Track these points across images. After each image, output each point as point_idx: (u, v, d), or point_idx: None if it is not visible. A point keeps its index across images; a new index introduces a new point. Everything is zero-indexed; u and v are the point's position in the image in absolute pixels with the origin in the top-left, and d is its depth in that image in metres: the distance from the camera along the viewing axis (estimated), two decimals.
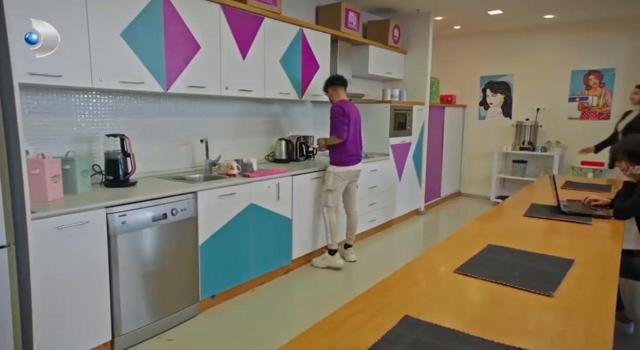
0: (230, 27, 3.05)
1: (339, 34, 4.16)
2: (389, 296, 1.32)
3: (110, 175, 2.51)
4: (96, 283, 2.12)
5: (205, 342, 2.40)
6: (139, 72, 2.51)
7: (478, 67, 6.45)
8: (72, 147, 2.51)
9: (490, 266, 1.54)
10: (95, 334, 2.13)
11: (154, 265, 2.37)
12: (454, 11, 5.09)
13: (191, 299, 2.62)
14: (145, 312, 2.35)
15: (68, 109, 2.51)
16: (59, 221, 1.93)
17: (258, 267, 3.11)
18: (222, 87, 3.04)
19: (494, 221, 2.34)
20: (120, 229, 2.18)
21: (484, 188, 6.52)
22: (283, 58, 3.55)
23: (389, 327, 1.11)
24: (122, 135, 2.54)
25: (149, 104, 2.95)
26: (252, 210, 2.99)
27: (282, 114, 4.10)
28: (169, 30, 2.64)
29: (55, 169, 2.14)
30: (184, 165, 3.22)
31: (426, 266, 1.61)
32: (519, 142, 5.98)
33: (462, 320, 1.14)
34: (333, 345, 1.04)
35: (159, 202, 2.36)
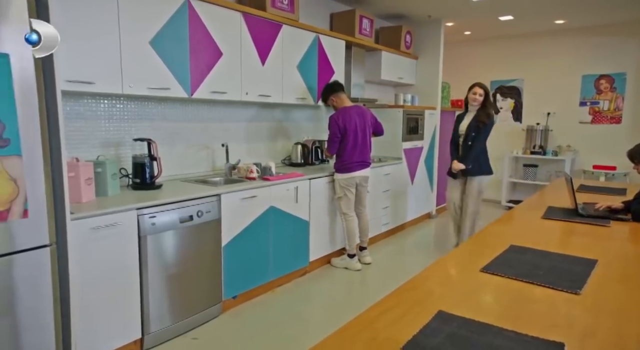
0: (251, 34, 3.14)
1: (353, 40, 4.24)
2: (419, 293, 1.38)
3: (138, 178, 2.59)
4: (127, 282, 2.19)
5: (229, 342, 2.46)
6: (166, 79, 2.60)
7: (488, 72, 6.50)
8: (100, 151, 2.60)
9: (514, 265, 1.59)
10: (127, 332, 2.21)
11: (180, 266, 2.45)
12: (465, 17, 5.16)
13: (214, 299, 2.69)
14: (171, 311, 2.42)
15: (97, 114, 2.61)
16: (94, 222, 2.01)
17: (277, 269, 3.17)
18: (243, 93, 3.13)
19: (513, 223, 2.39)
20: (150, 230, 2.26)
21: (495, 192, 6.55)
22: (300, 64, 3.64)
23: (424, 322, 1.17)
24: (149, 140, 2.63)
25: (172, 110, 3.04)
26: (272, 213, 3.06)
27: (297, 119, 4.18)
28: (193, 38, 2.73)
29: (88, 172, 2.23)
30: (204, 168, 3.31)
31: (451, 266, 1.67)
32: (529, 146, 6.02)
33: (494, 316, 1.20)
34: (374, 337, 1.10)
35: (185, 204, 2.44)
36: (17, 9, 1.62)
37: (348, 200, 3.56)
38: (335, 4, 4.47)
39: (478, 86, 3.65)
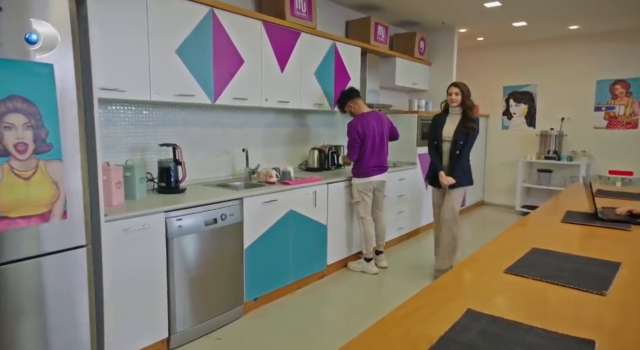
0: (271, 42, 3.22)
1: (369, 46, 4.31)
2: (447, 292, 1.42)
3: (163, 182, 2.67)
4: (155, 283, 2.26)
5: (251, 342, 2.51)
6: (191, 86, 2.68)
7: (501, 78, 6.52)
8: (128, 156, 2.69)
9: (538, 267, 1.62)
10: (154, 331, 2.27)
11: (204, 268, 2.51)
12: (479, 23, 5.20)
13: (236, 301, 2.75)
14: (196, 311, 2.48)
15: (125, 120, 2.70)
16: (126, 224, 2.09)
17: (296, 272, 3.22)
18: (263, 99, 3.20)
19: (532, 227, 2.41)
20: (177, 233, 2.33)
21: (508, 197, 6.54)
22: (317, 70, 3.71)
23: (454, 320, 1.21)
24: (174, 145, 2.71)
25: (194, 116, 3.12)
26: (291, 217, 3.12)
27: (313, 124, 4.25)
28: (217, 46, 2.81)
29: (118, 176, 2.31)
30: (224, 173, 3.38)
31: (475, 267, 1.70)
32: (543, 152, 6.01)
33: (521, 314, 1.23)
34: (407, 333, 1.14)
35: (209, 207, 2.51)
36: (61, 23, 1.71)
37: (365, 205, 3.60)
38: (351, 12, 4.55)
39: (453, 85, 3.41)
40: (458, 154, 3.37)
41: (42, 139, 1.67)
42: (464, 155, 3.38)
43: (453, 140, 3.37)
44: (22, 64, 1.60)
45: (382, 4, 4.38)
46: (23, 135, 1.61)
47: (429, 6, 4.50)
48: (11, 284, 1.64)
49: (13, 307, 1.65)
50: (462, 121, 3.36)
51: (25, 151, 1.62)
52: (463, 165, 3.40)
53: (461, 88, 3.36)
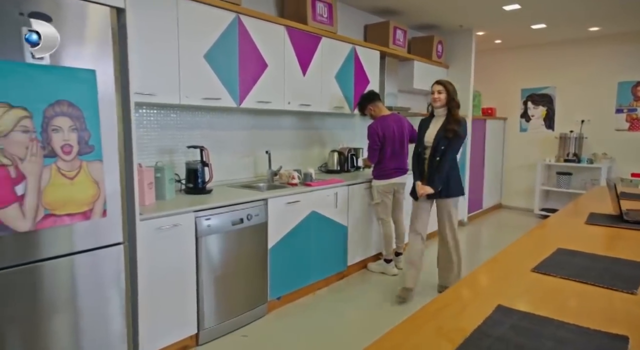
0: (293, 46, 3.29)
1: (387, 50, 4.36)
2: (476, 290, 1.45)
3: (191, 183, 2.75)
4: (185, 280, 2.34)
5: (276, 340, 2.57)
6: (217, 89, 2.77)
7: (519, 80, 6.49)
8: (157, 158, 2.78)
9: (565, 267, 1.64)
10: (184, 326, 2.35)
11: (231, 266, 2.58)
12: (497, 26, 5.20)
13: (260, 299, 2.81)
14: (222, 309, 2.55)
15: (154, 123, 2.79)
16: (159, 223, 2.17)
17: (317, 272, 3.27)
18: (285, 102, 3.27)
19: (556, 229, 2.42)
20: (205, 232, 2.40)
21: (526, 200, 6.49)
22: (337, 74, 3.77)
23: (485, 315, 1.24)
24: (201, 147, 2.79)
25: (219, 119, 3.21)
26: (314, 218, 3.17)
27: (333, 127, 4.30)
28: (242, 51, 2.89)
29: (150, 177, 2.40)
30: (247, 174, 3.46)
31: (501, 266, 1.73)
32: (563, 154, 5.95)
33: (551, 311, 1.26)
34: (440, 327, 1.18)
35: (236, 207, 2.58)
36: (101, 30, 1.81)
37: (385, 206, 3.64)
38: (369, 16, 4.60)
39: (436, 83, 3.05)
40: (438, 160, 2.96)
41: (85, 141, 1.76)
42: (443, 162, 2.95)
43: (433, 144, 2.99)
44: (67, 70, 1.69)
45: (400, 8, 4.43)
46: (69, 138, 1.70)
47: (447, 10, 4.53)
48: (55, 279, 1.73)
49: (56, 300, 1.74)
50: (445, 123, 2.97)
51: (70, 152, 1.71)
52: (444, 173, 2.98)
53: (446, 86, 3.00)
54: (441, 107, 3.02)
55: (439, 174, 2.97)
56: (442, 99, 2.99)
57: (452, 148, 2.96)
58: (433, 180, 2.99)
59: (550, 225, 2.49)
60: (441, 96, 2.99)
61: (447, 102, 2.99)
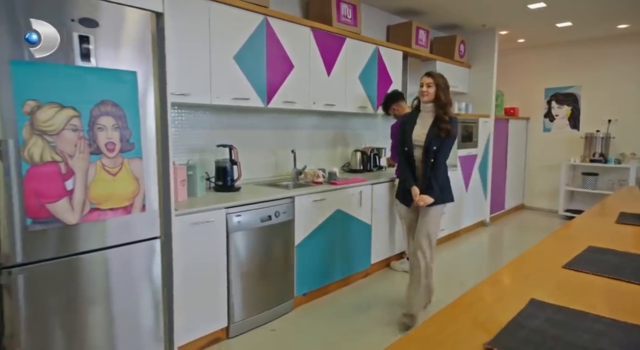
0: (318, 47, 3.35)
1: (410, 50, 4.37)
2: (508, 284, 1.48)
3: (220, 181, 2.83)
4: (217, 274, 2.41)
5: (303, 334, 2.62)
6: (246, 90, 2.84)
7: (542, 79, 6.40)
8: (188, 156, 2.87)
9: (596, 264, 1.65)
10: (216, 319, 2.43)
11: (259, 262, 2.65)
12: (521, 25, 5.15)
13: (287, 295, 2.87)
14: (251, 303, 2.62)
15: (185, 122, 2.88)
16: (193, 218, 2.25)
17: (342, 270, 3.32)
18: (311, 102, 3.33)
19: (585, 227, 2.41)
20: (236, 228, 2.48)
21: (550, 201, 6.39)
22: (361, 74, 3.81)
23: (519, 308, 1.27)
24: (230, 146, 2.87)
25: (246, 119, 3.29)
26: (338, 216, 3.22)
27: (355, 127, 4.34)
28: (270, 52, 2.96)
29: (182, 174, 2.49)
30: (272, 173, 3.53)
31: (532, 263, 1.74)
32: (588, 154, 5.85)
33: (586, 306, 1.27)
34: (475, 317, 1.21)
35: (264, 205, 2.65)
36: (142, 34, 1.90)
37: None
38: (392, 17, 4.63)
39: (426, 75, 2.76)
40: (433, 162, 2.66)
41: (127, 139, 1.85)
42: (438, 164, 2.67)
43: (425, 145, 2.67)
44: (111, 72, 1.78)
45: (423, 8, 4.44)
46: (112, 136, 1.79)
47: (470, 9, 4.52)
48: (96, 270, 1.82)
49: (97, 291, 1.83)
50: (435, 121, 2.67)
51: (113, 150, 1.80)
52: (440, 177, 2.70)
53: (435, 79, 2.71)
54: (429, 102, 2.71)
55: (435, 178, 2.65)
56: (430, 93, 2.69)
57: (445, 149, 2.69)
58: (431, 187, 2.65)
59: (578, 224, 2.48)
60: (430, 90, 2.69)
61: (436, 97, 2.69)
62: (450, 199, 2.83)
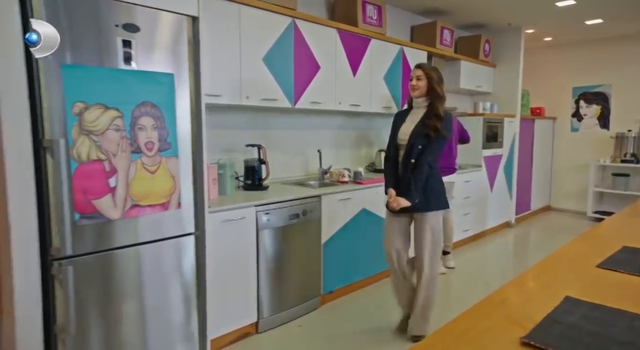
0: (344, 48, 3.38)
1: (434, 50, 4.36)
2: (542, 281, 1.48)
3: (249, 180, 2.90)
4: (247, 270, 2.48)
5: (330, 331, 2.66)
6: (274, 91, 2.90)
7: (570, 78, 6.26)
8: (217, 156, 2.95)
9: (632, 264, 1.63)
10: (246, 314, 2.50)
11: (287, 259, 2.70)
12: (548, 23, 5.06)
13: (314, 292, 2.92)
14: (280, 299, 2.68)
15: (216, 123, 2.96)
16: (225, 216, 2.32)
17: (366, 269, 3.34)
18: (336, 103, 3.37)
19: (618, 228, 2.37)
20: (265, 225, 2.54)
21: (578, 203, 6.24)
22: (386, 75, 3.83)
23: (553, 305, 1.27)
24: (259, 145, 2.94)
25: (273, 119, 3.35)
26: (364, 215, 3.25)
27: (379, 127, 4.35)
28: (297, 53, 3.02)
29: (214, 173, 2.56)
30: (298, 172, 3.58)
31: (564, 262, 1.73)
32: (619, 155, 5.69)
33: (623, 304, 1.27)
34: (508, 314, 1.22)
35: (292, 203, 2.70)
36: (179, 37, 1.97)
37: None
38: (416, 17, 4.63)
39: (416, 67, 2.48)
40: (413, 163, 2.37)
41: (164, 138, 1.93)
42: (422, 164, 2.35)
43: (409, 143, 2.40)
44: (151, 74, 1.86)
45: (448, 8, 4.42)
46: (151, 135, 1.87)
47: (496, 8, 4.47)
48: (133, 265, 1.90)
49: (135, 284, 1.91)
50: (424, 118, 2.41)
51: (152, 149, 1.88)
52: (422, 179, 2.36)
53: (427, 72, 2.42)
54: (420, 97, 2.44)
55: (415, 181, 2.34)
56: (420, 87, 2.42)
57: (432, 149, 2.37)
58: (409, 190, 2.35)
59: (610, 225, 2.44)
60: (420, 83, 2.42)
61: (428, 91, 2.43)
62: (442, 206, 2.48)
